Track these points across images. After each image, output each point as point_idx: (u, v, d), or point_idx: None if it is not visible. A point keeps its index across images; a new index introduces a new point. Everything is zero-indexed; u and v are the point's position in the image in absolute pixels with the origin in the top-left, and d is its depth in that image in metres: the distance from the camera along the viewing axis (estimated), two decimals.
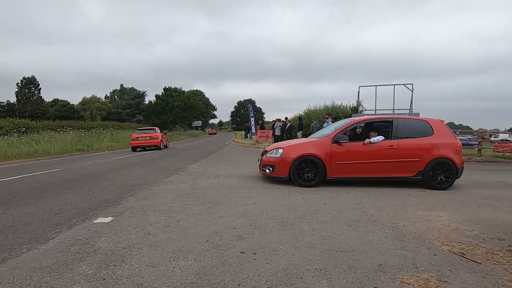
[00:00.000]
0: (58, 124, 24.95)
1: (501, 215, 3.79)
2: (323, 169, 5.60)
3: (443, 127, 5.92)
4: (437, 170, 5.55)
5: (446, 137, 5.76)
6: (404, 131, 5.77)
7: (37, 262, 2.37)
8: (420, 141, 5.69)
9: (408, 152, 5.62)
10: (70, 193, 4.86)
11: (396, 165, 5.64)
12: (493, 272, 2.26)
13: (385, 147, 5.67)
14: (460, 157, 5.72)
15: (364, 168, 5.68)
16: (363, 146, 5.72)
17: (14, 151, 12.09)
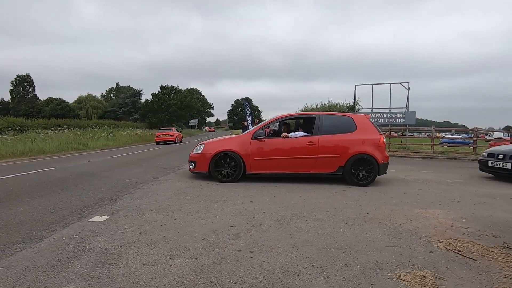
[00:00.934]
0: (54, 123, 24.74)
1: (497, 213, 3.82)
2: (242, 165, 5.70)
3: (367, 123, 5.89)
4: (358, 166, 5.57)
5: (368, 133, 5.73)
6: (327, 127, 5.78)
7: (31, 261, 2.34)
8: (342, 137, 5.69)
9: (328, 148, 5.64)
10: (65, 192, 4.81)
11: (316, 161, 5.65)
12: (488, 269, 2.28)
13: (304, 143, 5.68)
14: (383, 153, 5.70)
15: (283, 164, 5.73)
16: (282, 143, 5.78)
17: (9, 150, 11.96)
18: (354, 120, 5.85)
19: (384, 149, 5.80)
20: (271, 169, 5.78)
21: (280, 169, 5.76)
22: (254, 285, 2.00)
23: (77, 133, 18.91)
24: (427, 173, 7.50)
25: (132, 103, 56.53)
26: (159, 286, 1.98)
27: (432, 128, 13.74)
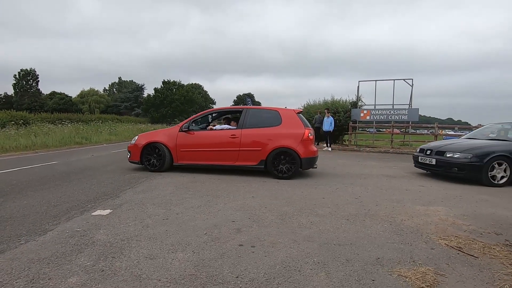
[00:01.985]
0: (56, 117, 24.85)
1: (499, 210, 3.81)
2: (167, 155, 6.04)
3: (293, 117, 5.92)
4: (280, 159, 5.67)
5: (292, 128, 5.78)
6: (253, 121, 5.96)
7: (35, 253, 2.36)
8: (265, 131, 5.82)
9: (250, 141, 5.79)
10: (68, 186, 4.85)
11: (238, 153, 5.83)
12: (490, 266, 2.28)
13: (227, 136, 5.91)
14: (306, 148, 5.71)
15: (207, 156, 6.00)
16: (206, 135, 6.12)
17: (12, 144, 12.02)
18: (280, 115, 5.94)
19: (308, 144, 5.80)
20: (196, 160, 6.07)
21: (205, 160, 6.03)
22: (256, 280, 2.01)
23: (80, 128, 18.96)
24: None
25: (134, 97, 56.63)
26: (161, 279, 2.00)
27: (435, 125, 13.66)
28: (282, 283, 1.98)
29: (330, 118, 12.71)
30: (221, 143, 5.92)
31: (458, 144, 6.26)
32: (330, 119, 12.66)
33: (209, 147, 5.99)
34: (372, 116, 14.17)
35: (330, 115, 12.84)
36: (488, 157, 5.50)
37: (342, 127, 14.68)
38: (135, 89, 59.37)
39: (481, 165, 5.50)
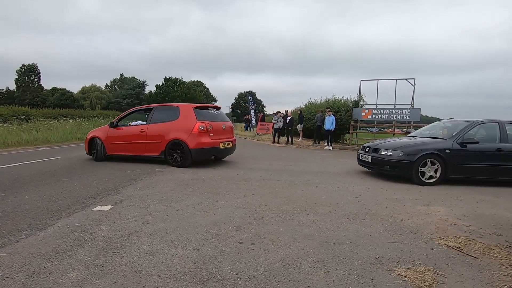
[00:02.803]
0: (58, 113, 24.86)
1: (499, 211, 3.80)
2: (102, 148, 7.25)
3: (189, 112, 6.58)
4: (173, 150, 6.48)
5: (186, 121, 6.45)
6: (158, 117, 6.88)
7: (36, 248, 2.38)
8: (165, 125, 6.65)
9: (153, 135, 6.69)
10: (69, 181, 4.87)
11: (146, 146, 6.80)
12: (489, 267, 2.28)
13: (137, 131, 6.93)
14: (196, 140, 6.29)
15: (127, 148, 7.03)
16: (126, 130, 7.16)
17: (14, 139, 12.05)
18: (180, 110, 6.71)
19: (198, 136, 6.32)
20: (120, 152, 7.13)
21: (126, 151, 7.07)
22: (255, 277, 2.02)
23: (81, 123, 18.99)
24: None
25: (136, 94, 56.64)
26: (161, 275, 2.01)
27: None
28: (281, 281, 1.98)
29: (332, 117, 12.68)
30: (134, 137, 6.94)
31: (393, 142, 6.26)
32: (331, 118, 12.63)
33: (127, 140, 7.04)
34: (373, 116, 14.13)
35: (331, 114, 12.81)
36: (418, 155, 5.44)
37: (344, 126, 14.64)
38: (136, 86, 59.37)
39: (411, 163, 5.44)
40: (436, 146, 5.60)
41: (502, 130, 5.74)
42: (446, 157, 5.47)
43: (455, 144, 5.60)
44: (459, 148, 5.57)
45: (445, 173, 5.50)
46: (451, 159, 5.49)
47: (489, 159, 5.59)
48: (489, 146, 5.68)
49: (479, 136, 5.94)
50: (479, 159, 5.58)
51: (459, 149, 5.57)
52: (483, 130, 6.09)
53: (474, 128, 5.90)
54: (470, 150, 5.58)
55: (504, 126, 5.80)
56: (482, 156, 5.59)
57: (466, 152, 5.57)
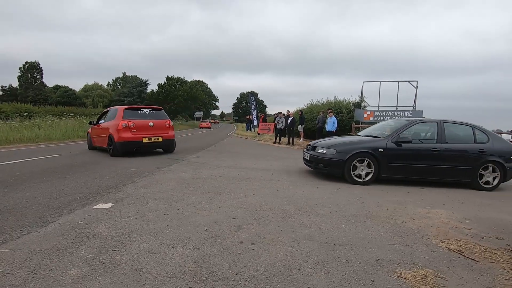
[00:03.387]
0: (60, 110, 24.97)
1: (501, 215, 3.79)
2: (90, 141, 9.46)
3: (120, 113, 8.05)
4: (110, 143, 7.96)
5: (117, 120, 7.94)
6: (108, 116, 8.67)
7: (37, 244, 2.38)
8: (108, 123, 8.29)
9: (104, 130, 8.34)
10: (70, 179, 4.88)
11: (103, 139, 8.32)
12: (490, 270, 2.27)
13: (100, 128, 8.70)
14: (119, 135, 7.67)
15: (100, 141, 8.63)
16: (98, 127, 8.85)
17: (16, 135, 12.09)
18: (118, 111, 8.27)
19: (122, 132, 7.70)
20: (98, 144, 8.86)
21: (100, 144, 8.65)
22: (255, 277, 2.02)
23: (83, 121, 19.04)
24: None
25: (138, 93, 56.71)
26: (161, 274, 2.01)
27: None
28: (281, 281, 1.98)
29: (333, 118, 12.66)
30: (100, 133, 8.59)
31: (331, 140, 6.28)
32: (333, 119, 12.62)
33: (98, 135, 8.75)
34: (375, 117, 14.10)
35: (332, 115, 12.80)
36: (350, 154, 5.40)
37: (345, 128, 14.63)
38: (138, 84, 59.44)
39: (343, 161, 5.40)
40: (370, 145, 5.54)
41: (440, 130, 5.66)
42: (379, 156, 5.40)
43: (390, 143, 5.53)
44: (394, 147, 5.50)
45: (378, 172, 5.45)
46: (384, 158, 5.42)
47: (424, 159, 5.52)
48: (424, 145, 5.61)
49: (416, 136, 5.88)
50: (413, 159, 5.51)
51: (393, 148, 5.49)
52: (422, 129, 6.05)
53: (412, 127, 5.85)
54: (405, 149, 5.50)
55: (443, 125, 5.71)
56: (417, 156, 5.52)
57: (401, 152, 5.50)
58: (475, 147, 5.58)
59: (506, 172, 5.53)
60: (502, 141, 5.83)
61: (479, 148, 5.54)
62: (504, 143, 5.79)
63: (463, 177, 5.57)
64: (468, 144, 5.64)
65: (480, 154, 5.51)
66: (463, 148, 5.60)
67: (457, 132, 5.86)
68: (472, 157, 5.53)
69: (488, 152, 5.52)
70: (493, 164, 5.52)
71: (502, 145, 5.69)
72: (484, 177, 5.56)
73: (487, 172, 5.55)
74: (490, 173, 5.56)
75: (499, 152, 5.55)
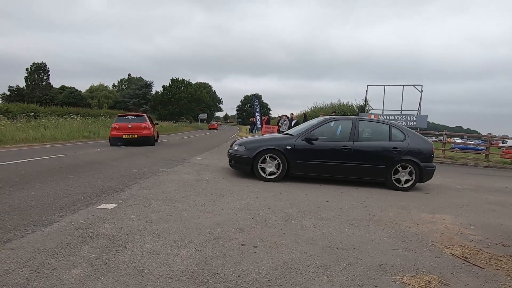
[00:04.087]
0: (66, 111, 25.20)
1: (506, 221, 3.74)
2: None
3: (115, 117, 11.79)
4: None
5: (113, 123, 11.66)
6: None
7: (41, 243, 2.40)
8: None
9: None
10: (75, 179, 4.91)
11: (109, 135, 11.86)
12: (495, 278, 2.24)
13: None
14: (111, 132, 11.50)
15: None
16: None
17: (22, 135, 12.23)
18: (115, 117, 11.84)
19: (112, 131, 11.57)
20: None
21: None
22: (257, 280, 2.01)
23: (88, 122, 19.21)
24: (436, 177, 7.36)
25: (142, 94, 57.11)
26: (163, 275, 2.01)
27: (444, 133, 13.47)
28: (283, 285, 1.97)
29: None
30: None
31: (248, 138, 6.35)
32: None
33: None
34: None
35: None
36: (257, 151, 5.43)
37: None
38: (143, 86, 59.87)
39: (251, 158, 5.42)
40: (279, 143, 5.55)
41: (354, 128, 5.56)
42: (287, 153, 5.38)
43: (299, 140, 5.48)
44: (302, 145, 5.44)
45: (286, 169, 5.44)
46: (292, 155, 5.39)
47: (334, 157, 5.44)
48: (334, 143, 5.58)
49: (331, 134, 5.86)
50: (322, 157, 5.45)
51: (301, 146, 5.43)
52: (337, 127, 5.99)
53: (325, 125, 5.84)
54: (314, 147, 5.44)
55: (358, 123, 5.63)
56: (326, 154, 5.46)
57: (309, 149, 5.45)
58: (388, 146, 5.45)
59: (423, 171, 5.35)
60: (420, 140, 5.62)
61: (393, 147, 5.39)
62: (422, 142, 5.59)
63: (376, 176, 5.47)
64: (381, 143, 5.54)
65: (394, 153, 5.35)
66: (375, 146, 5.52)
67: (373, 130, 5.87)
68: (384, 156, 5.39)
69: (402, 150, 5.35)
70: (408, 163, 5.35)
71: (419, 144, 5.50)
72: (398, 176, 5.41)
73: (401, 172, 5.40)
74: (405, 173, 5.40)
75: (415, 151, 5.37)
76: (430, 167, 5.45)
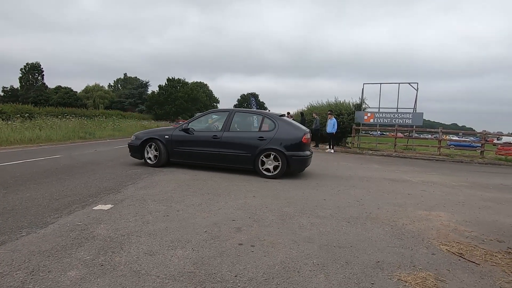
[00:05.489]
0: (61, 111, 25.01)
1: (501, 218, 3.77)
2: None
3: None
4: None
5: None
6: None
7: (36, 246, 2.38)
8: None
9: None
10: (71, 180, 4.88)
11: None
12: (491, 273, 2.26)
13: None
14: None
15: None
16: None
17: (17, 136, 12.10)
18: None
19: None
20: None
21: None
22: (254, 279, 2.01)
23: (84, 122, 19.06)
24: (432, 175, 7.42)
25: (138, 94, 56.79)
26: (160, 275, 2.00)
27: (439, 130, 13.58)
28: (281, 284, 1.97)
29: (333, 120, 12.66)
30: None
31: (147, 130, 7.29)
32: (332, 121, 12.61)
33: None
34: (376, 119, 14.10)
35: (332, 117, 12.79)
36: (142, 140, 6.38)
37: (346, 129, 14.62)
38: (139, 86, 59.52)
39: (138, 146, 6.40)
40: (161, 133, 6.34)
41: (228, 119, 6.09)
42: (166, 142, 6.22)
43: (177, 131, 6.26)
44: (179, 135, 6.19)
45: (166, 157, 6.26)
46: (169, 144, 6.21)
47: (205, 146, 6.02)
48: (206, 133, 6.16)
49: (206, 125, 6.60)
50: (195, 145, 6.10)
51: (178, 135, 6.18)
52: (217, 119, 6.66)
53: (205, 117, 6.77)
54: (190, 137, 6.15)
55: (233, 114, 6.17)
56: (198, 143, 6.09)
57: (184, 139, 6.17)
58: (255, 135, 5.79)
59: (289, 160, 5.55)
60: (291, 129, 5.83)
61: (259, 136, 5.72)
62: (292, 131, 5.78)
63: (245, 164, 5.83)
64: (248, 132, 5.99)
65: (260, 142, 5.66)
66: (242, 136, 5.92)
67: (246, 121, 6.34)
68: (251, 145, 5.72)
69: (268, 139, 5.63)
70: (274, 152, 5.60)
71: (288, 133, 5.71)
72: (265, 164, 5.67)
73: (268, 160, 5.65)
74: (272, 161, 5.64)
75: (281, 140, 5.61)
76: (297, 156, 5.62)
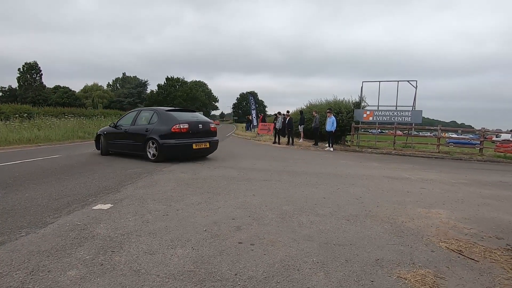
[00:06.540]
0: (60, 111, 24.95)
1: (501, 215, 3.78)
2: None
3: None
4: None
5: None
6: None
7: (35, 245, 2.37)
8: None
9: None
10: (70, 179, 4.87)
11: None
12: (490, 270, 2.26)
13: None
14: None
15: None
16: None
17: (15, 136, 12.07)
18: None
19: None
20: None
21: None
22: (254, 278, 2.01)
23: (83, 122, 19.00)
24: (431, 172, 7.44)
25: (137, 93, 56.73)
26: (160, 275, 2.00)
27: (438, 128, 13.58)
28: (280, 282, 1.97)
29: (332, 118, 12.65)
30: None
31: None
32: (332, 119, 12.60)
33: None
34: (375, 117, 14.10)
35: (331, 115, 12.78)
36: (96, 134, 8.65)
37: (345, 128, 14.62)
38: (138, 85, 59.45)
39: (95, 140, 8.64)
40: (104, 129, 8.35)
41: (136, 115, 7.74)
42: (104, 136, 8.15)
43: (109, 128, 8.16)
44: (110, 130, 8.02)
45: (106, 147, 8.11)
46: (106, 138, 8.08)
47: (121, 138, 7.70)
48: (123, 128, 7.72)
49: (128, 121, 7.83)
50: (117, 138, 7.81)
51: (110, 131, 8.04)
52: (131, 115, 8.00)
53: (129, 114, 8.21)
54: (115, 131, 7.87)
55: (140, 112, 7.87)
56: (117, 136, 7.82)
57: (111, 133, 7.96)
58: (144, 128, 7.25)
59: (162, 147, 6.81)
60: (168, 121, 7.01)
61: (146, 128, 7.18)
62: (168, 122, 6.97)
63: (140, 151, 7.28)
64: (141, 126, 7.41)
65: (146, 133, 7.10)
66: (137, 128, 7.45)
67: (145, 116, 7.63)
68: (141, 136, 7.22)
69: (150, 131, 7.04)
70: (152, 140, 6.98)
71: (164, 125, 6.98)
72: (150, 150, 7.05)
73: (151, 148, 7.04)
74: (152, 149, 7.03)
75: (158, 131, 6.93)
76: (167, 144, 6.83)
